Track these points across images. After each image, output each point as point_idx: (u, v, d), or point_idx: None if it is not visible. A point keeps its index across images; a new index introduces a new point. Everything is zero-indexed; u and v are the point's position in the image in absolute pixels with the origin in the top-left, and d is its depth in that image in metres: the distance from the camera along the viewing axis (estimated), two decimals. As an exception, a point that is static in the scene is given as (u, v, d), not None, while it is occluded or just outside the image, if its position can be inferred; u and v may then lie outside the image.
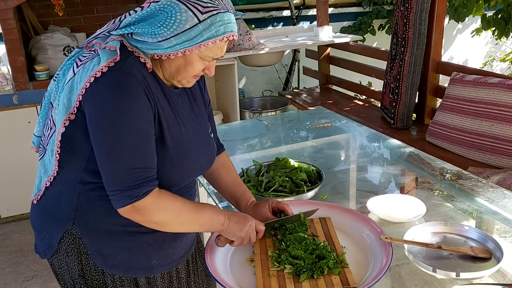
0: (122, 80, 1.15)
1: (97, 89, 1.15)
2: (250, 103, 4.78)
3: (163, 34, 1.15)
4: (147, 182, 1.18)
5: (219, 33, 1.17)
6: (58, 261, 1.35)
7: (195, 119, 1.37)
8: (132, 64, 1.18)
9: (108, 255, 1.30)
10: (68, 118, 1.21)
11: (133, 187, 1.16)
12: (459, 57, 6.77)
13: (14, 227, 3.59)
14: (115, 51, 1.16)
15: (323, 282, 1.23)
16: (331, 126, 2.71)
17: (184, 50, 1.17)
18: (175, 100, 1.30)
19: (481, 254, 1.36)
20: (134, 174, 1.16)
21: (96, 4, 4.46)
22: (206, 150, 1.40)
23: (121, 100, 1.15)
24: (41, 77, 3.51)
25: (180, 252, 1.42)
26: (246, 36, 3.94)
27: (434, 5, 3.20)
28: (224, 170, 1.57)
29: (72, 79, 1.21)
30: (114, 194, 1.17)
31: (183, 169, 1.31)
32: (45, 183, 1.31)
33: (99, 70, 1.15)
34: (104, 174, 1.18)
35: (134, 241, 1.30)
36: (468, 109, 2.88)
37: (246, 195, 1.54)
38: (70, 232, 1.30)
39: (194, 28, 1.15)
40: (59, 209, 1.30)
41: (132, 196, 1.16)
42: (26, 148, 3.47)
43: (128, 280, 1.35)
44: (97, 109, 1.16)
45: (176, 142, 1.28)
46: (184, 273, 1.48)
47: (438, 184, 1.93)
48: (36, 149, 1.39)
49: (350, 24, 6.10)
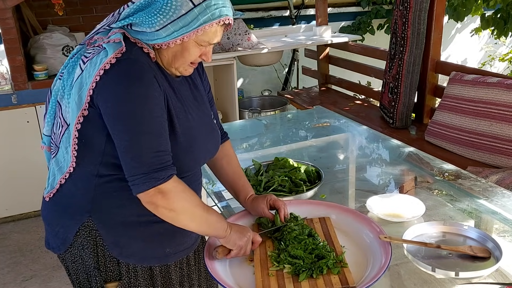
0: (133, 68, 1.18)
1: (108, 81, 1.17)
2: (249, 102, 4.78)
3: (160, 22, 1.17)
4: (170, 165, 1.20)
5: (215, 16, 1.19)
6: (71, 255, 1.37)
7: (198, 106, 1.39)
8: (138, 53, 1.21)
9: (124, 245, 1.33)
10: (81, 115, 1.22)
11: (159, 169, 1.17)
12: (458, 57, 6.77)
13: (13, 227, 3.59)
14: (120, 42, 1.18)
15: (322, 281, 1.24)
16: (330, 125, 2.71)
17: (182, 37, 1.19)
18: (179, 88, 1.33)
19: (480, 254, 1.36)
20: (159, 156, 1.18)
21: (95, 4, 4.46)
22: (211, 136, 1.43)
23: (136, 87, 1.17)
24: (40, 77, 3.50)
25: (190, 240, 1.45)
26: (245, 35, 3.94)
27: (433, 4, 3.20)
28: (225, 160, 1.58)
29: (81, 76, 1.23)
30: (138, 178, 1.17)
31: (194, 155, 1.34)
32: (59, 180, 1.32)
33: (108, 62, 1.16)
34: (128, 159, 1.18)
35: (149, 230, 1.33)
36: (467, 109, 2.89)
37: (246, 188, 1.56)
38: (86, 224, 1.32)
39: (190, 12, 1.17)
40: (75, 203, 1.32)
41: (158, 178, 1.17)
42: (25, 148, 3.51)
43: (143, 269, 1.37)
44: (112, 99, 1.18)
45: (185, 129, 1.30)
46: (193, 261, 1.52)
47: (437, 183, 1.93)
48: (48, 148, 1.39)
49: (349, 23, 6.10)
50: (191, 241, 1.46)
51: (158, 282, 1.41)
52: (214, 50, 3.86)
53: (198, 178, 1.46)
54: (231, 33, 3.90)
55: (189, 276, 1.51)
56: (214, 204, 1.82)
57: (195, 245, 1.49)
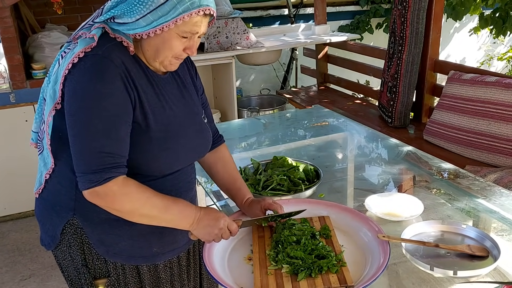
0: (96, 64, 1.17)
1: (73, 74, 1.18)
2: (248, 101, 4.78)
3: (140, 11, 1.17)
4: (111, 168, 1.17)
5: (194, 6, 1.18)
6: (61, 252, 1.37)
7: (185, 103, 1.38)
8: (110, 49, 1.20)
9: (110, 244, 1.32)
10: (54, 108, 1.23)
11: (97, 171, 1.16)
12: (457, 56, 6.78)
13: (11, 226, 3.58)
14: (93, 38, 1.19)
15: (321, 280, 1.23)
16: (328, 124, 2.71)
17: (161, 27, 1.18)
18: (161, 85, 1.32)
19: (478, 253, 1.36)
20: (99, 158, 1.16)
21: (93, 2, 4.46)
22: (200, 136, 1.41)
23: (94, 84, 1.16)
24: (38, 76, 3.50)
25: (181, 241, 1.43)
26: (244, 34, 3.94)
27: (431, 3, 3.20)
28: (221, 164, 1.56)
29: (57, 70, 1.24)
30: (79, 176, 1.18)
31: (172, 153, 1.31)
32: (45, 176, 1.34)
33: (76, 56, 1.17)
34: (73, 155, 1.18)
35: (135, 229, 1.32)
36: (465, 108, 2.89)
37: (242, 191, 1.53)
38: (71, 222, 1.32)
39: (168, 2, 1.16)
40: (60, 200, 1.32)
41: (94, 180, 1.16)
42: (23, 147, 3.49)
43: (130, 268, 1.37)
44: (70, 93, 1.18)
45: (162, 126, 1.28)
46: (185, 261, 1.51)
47: (435, 182, 1.94)
48: (35, 144, 1.41)
49: (347, 22, 6.10)
50: (183, 241, 1.44)
51: (146, 281, 1.40)
52: (213, 49, 3.86)
53: (188, 177, 1.43)
54: (230, 32, 3.90)
55: (180, 276, 1.50)
56: (213, 203, 1.82)
57: (186, 246, 1.47)
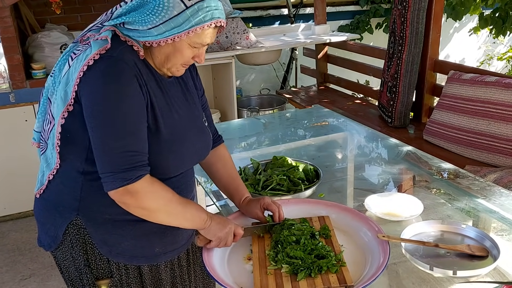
0: (112, 66, 1.18)
1: (89, 77, 1.19)
2: (248, 101, 4.78)
3: (153, 21, 1.18)
4: (140, 166, 1.20)
5: (207, 19, 1.20)
6: (62, 253, 1.37)
7: (188, 107, 1.40)
8: (123, 51, 1.21)
9: (113, 244, 1.33)
10: (66, 110, 1.24)
11: (127, 170, 1.18)
12: (456, 56, 6.77)
13: (11, 226, 3.58)
14: (106, 40, 1.19)
15: (320, 280, 1.24)
16: (328, 124, 2.71)
17: (173, 37, 1.20)
18: (168, 88, 1.33)
19: (478, 252, 1.36)
20: (127, 157, 1.18)
21: (93, 2, 4.45)
22: (201, 137, 1.43)
23: (112, 85, 1.18)
24: (38, 76, 3.50)
25: (181, 241, 1.44)
26: (243, 34, 3.94)
27: (431, 3, 3.20)
28: (220, 164, 1.58)
29: (67, 72, 1.25)
30: (107, 176, 1.18)
31: (179, 155, 1.33)
32: (48, 177, 1.33)
33: (91, 58, 1.18)
34: (98, 157, 1.20)
35: (137, 229, 1.33)
36: (465, 108, 2.89)
37: (241, 190, 1.55)
38: (74, 222, 1.32)
39: (182, 14, 1.18)
40: (63, 201, 1.32)
41: (126, 179, 1.17)
42: (23, 146, 3.49)
43: (132, 268, 1.38)
44: (89, 96, 1.19)
45: (171, 129, 1.30)
46: (185, 261, 1.52)
47: (435, 182, 1.94)
48: (38, 144, 1.41)
49: (347, 22, 6.09)
50: (183, 241, 1.45)
51: (148, 282, 1.41)
52: (213, 49, 3.86)
53: (189, 179, 1.46)
54: (230, 32, 3.90)
55: (181, 277, 1.50)
56: (212, 203, 1.82)
57: (186, 245, 1.48)
